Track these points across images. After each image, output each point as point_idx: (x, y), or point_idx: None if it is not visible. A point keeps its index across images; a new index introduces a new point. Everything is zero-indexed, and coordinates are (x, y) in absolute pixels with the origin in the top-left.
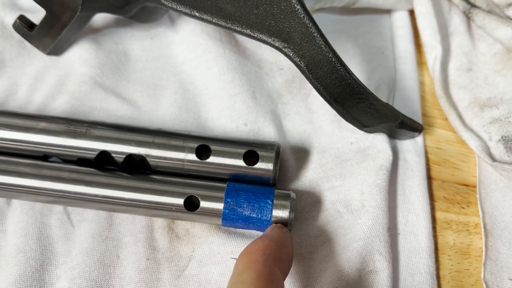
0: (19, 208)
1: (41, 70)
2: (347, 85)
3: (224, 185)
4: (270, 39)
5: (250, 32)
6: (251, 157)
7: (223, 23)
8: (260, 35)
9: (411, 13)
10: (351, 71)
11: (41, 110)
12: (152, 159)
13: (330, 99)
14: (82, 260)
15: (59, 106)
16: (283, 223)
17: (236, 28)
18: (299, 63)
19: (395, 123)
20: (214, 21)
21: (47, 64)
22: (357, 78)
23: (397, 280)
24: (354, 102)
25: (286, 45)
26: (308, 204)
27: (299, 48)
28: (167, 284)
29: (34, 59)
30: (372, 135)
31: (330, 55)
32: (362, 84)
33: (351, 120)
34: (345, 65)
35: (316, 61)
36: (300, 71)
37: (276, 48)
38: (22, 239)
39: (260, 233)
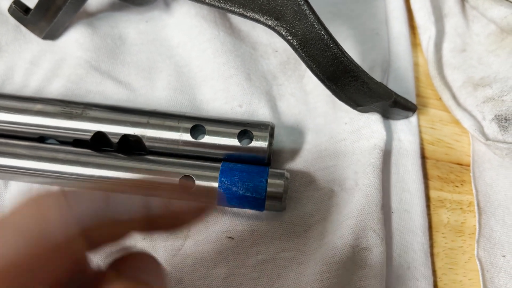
0: (16, 189)
1: (37, 54)
2: (339, 63)
3: (219, 165)
4: (262, 18)
5: (242, 11)
6: (245, 137)
7: (216, 3)
8: (253, 14)
9: None
10: (344, 49)
11: (37, 94)
12: (147, 140)
13: (323, 77)
14: None
15: (55, 89)
16: (277, 202)
17: (228, 7)
18: (291, 41)
19: (388, 102)
20: (207, 1)
21: (43, 48)
22: (349, 56)
23: (391, 257)
24: (347, 80)
25: (278, 24)
26: (302, 184)
27: (291, 26)
28: (163, 263)
29: (30, 43)
30: (366, 115)
31: (322, 32)
32: (355, 62)
33: (345, 99)
34: (338, 43)
35: (309, 39)
36: (293, 49)
37: (269, 27)
38: None
39: (253, 212)
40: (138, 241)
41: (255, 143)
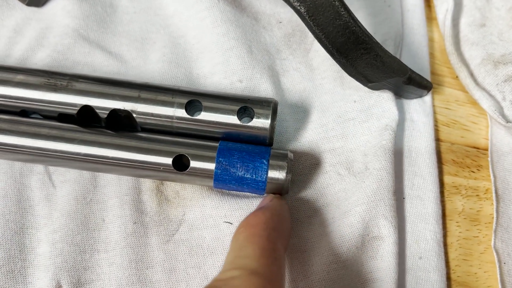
0: None
1: (21, 22)
2: (351, 33)
3: (217, 144)
4: None
5: None
6: (245, 114)
7: None
8: None
9: None
10: (356, 18)
11: (21, 64)
12: (138, 115)
13: (332, 49)
14: (64, 223)
15: (40, 60)
16: (279, 185)
17: None
18: (298, 8)
19: (402, 78)
20: None
21: (27, 16)
22: (362, 25)
23: (401, 247)
24: (359, 53)
25: None
26: (307, 166)
27: None
28: (155, 249)
29: (14, 10)
30: (377, 93)
31: None
32: (368, 32)
33: (355, 75)
34: (350, 10)
35: (318, 5)
36: (300, 17)
37: None
38: (1, 200)
39: (253, 196)
40: (129, 225)
41: (256, 121)
